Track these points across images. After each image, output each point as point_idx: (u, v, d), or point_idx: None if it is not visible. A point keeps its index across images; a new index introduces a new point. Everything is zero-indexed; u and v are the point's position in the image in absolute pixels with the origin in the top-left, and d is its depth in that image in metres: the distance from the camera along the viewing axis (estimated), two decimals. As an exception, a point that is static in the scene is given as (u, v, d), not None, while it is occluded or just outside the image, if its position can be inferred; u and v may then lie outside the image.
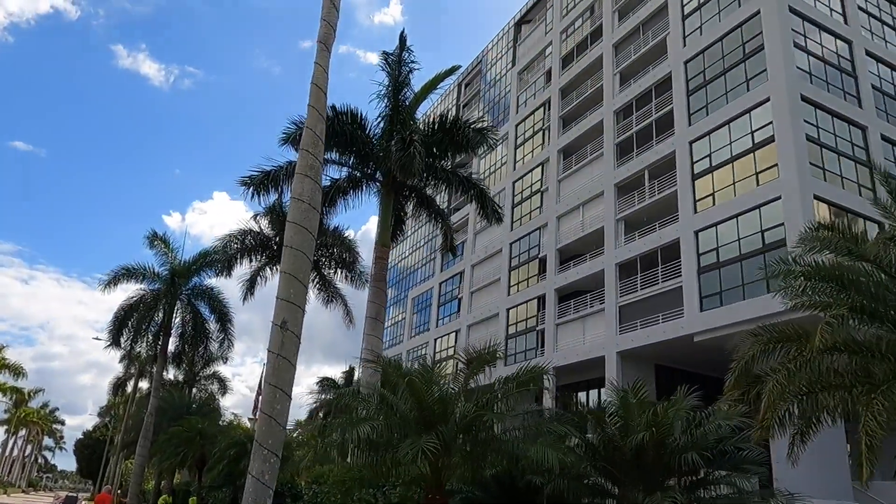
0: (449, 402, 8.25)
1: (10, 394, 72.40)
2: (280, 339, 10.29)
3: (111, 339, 35.55)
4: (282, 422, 10.01)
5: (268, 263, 30.84)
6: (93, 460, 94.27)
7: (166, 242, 36.08)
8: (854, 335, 9.09)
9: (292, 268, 10.71)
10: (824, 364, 8.45)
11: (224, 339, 36.34)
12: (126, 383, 62.69)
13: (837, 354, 8.66)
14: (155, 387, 36.12)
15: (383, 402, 9.24)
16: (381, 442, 7.32)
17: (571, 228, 43.09)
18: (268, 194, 19.45)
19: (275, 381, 10.07)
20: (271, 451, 9.76)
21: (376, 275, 19.41)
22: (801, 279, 10.06)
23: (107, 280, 35.22)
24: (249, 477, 9.63)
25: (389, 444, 7.49)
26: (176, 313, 36.63)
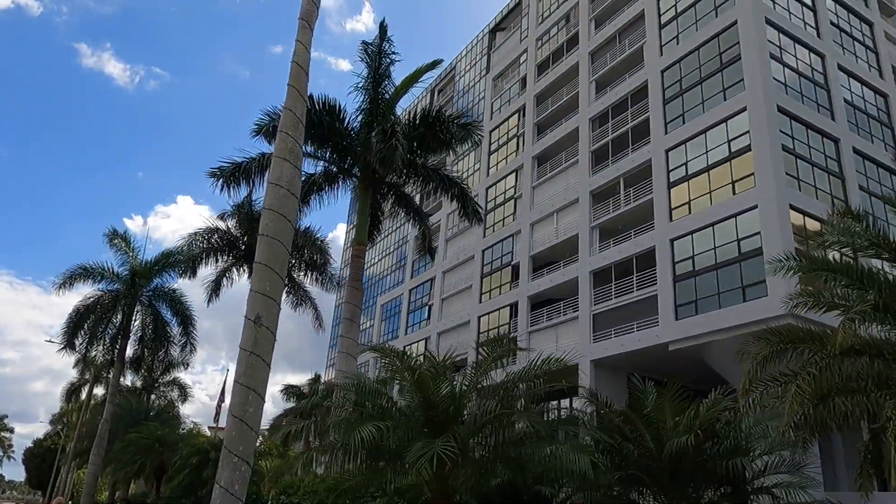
0: (462, 399, 7.28)
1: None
2: (253, 335, 9.39)
3: (65, 342, 33.83)
4: (254, 426, 9.10)
5: (235, 264, 29.67)
6: (43, 470, 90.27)
7: (126, 241, 34.61)
8: (870, 337, 8.61)
9: (268, 258, 9.83)
10: (845, 367, 7.91)
11: (186, 343, 34.94)
12: (80, 389, 60.16)
13: (856, 357, 8.15)
14: (111, 392, 34.43)
15: (375, 400, 8.31)
16: (385, 445, 6.40)
17: (545, 235, 42.70)
18: (238, 187, 18.49)
19: (247, 381, 9.16)
20: (242, 458, 8.84)
21: (353, 274, 18.54)
22: (819, 274, 9.48)
23: (62, 280, 33.58)
24: (217, 487, 8.68)
25: (390, 447, 6.57)
26: (136, 316, 35.12)
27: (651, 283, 33.14)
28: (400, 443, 6.16)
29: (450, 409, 6.79)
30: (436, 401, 7.07)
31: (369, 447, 6.32)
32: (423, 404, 7.04)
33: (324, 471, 15.54)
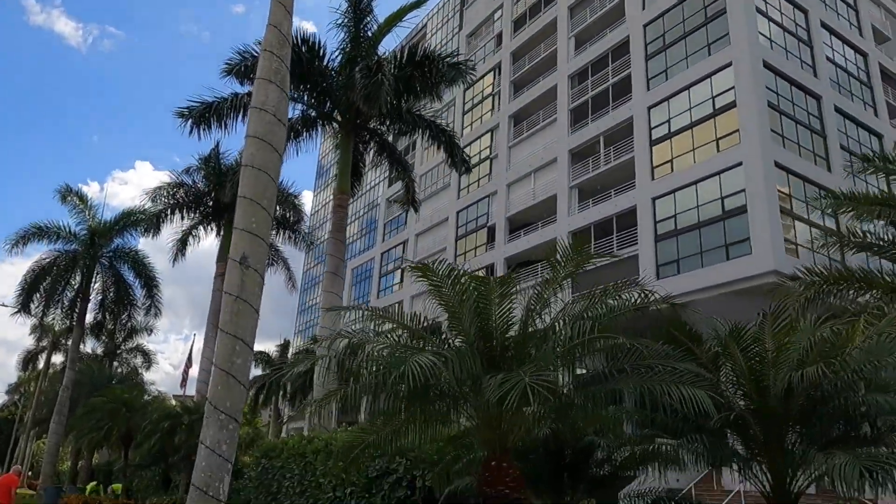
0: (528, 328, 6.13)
1: None
2: (239, 277, 8.27)
3: (19, 306, 31.92)
4: (242, 379, 8.03)
5: (202, 222, 28.11)
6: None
7: (82, 198, 32.55)
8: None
9: (254, 192, 8.65)
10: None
11: (150, 307, 33.35)
12: (38, 357, 57.80)
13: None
14: (71, 358, 32.75)
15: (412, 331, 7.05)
16: (435, 386, 5.29)
17: (522, 196, 41.86)
18: (209, 130, 17.00)
19: (233, 328, 8.05)
20: (229, 415, 7.79)
21: (335, 225, 17.34)
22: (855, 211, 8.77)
23: (14, 240, 31.50)
24: (202, 448, 7.63)
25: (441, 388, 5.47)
26: (95, 278, 33.32)
27: (632, 242, 32.62)
28: (456, 381, 5.06)
29: (517, 339, 5.69)
30: (494, 329, 5.95)
31: (413, 388, 5.33)
32: (480, 334, 5.93)
33: (309, 430, 14.58)
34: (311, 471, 11.85)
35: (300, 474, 12.40)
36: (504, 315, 5.62)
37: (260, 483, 14.89)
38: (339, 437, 11.14)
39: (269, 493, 14.17)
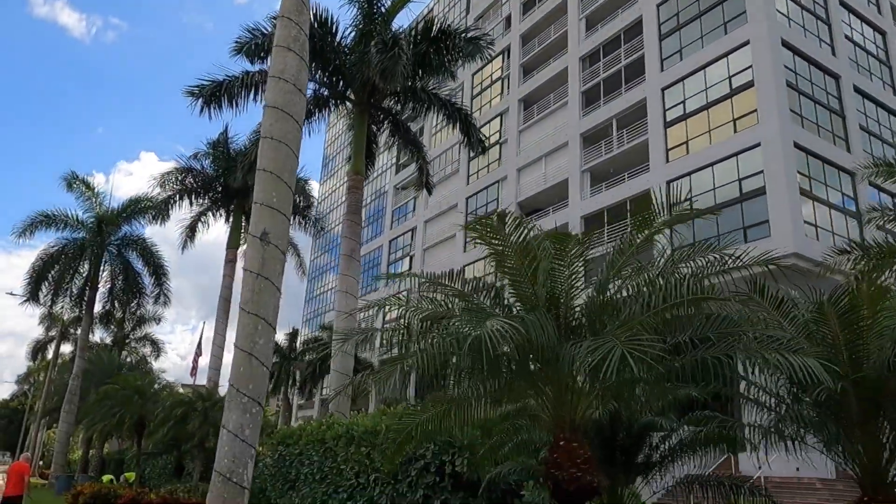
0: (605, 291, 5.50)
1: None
2: (260, 254, 7.84)
3: (28, 295, 31.67)
4: (265, 360, 7.63)
5: (211, 208, 27.69)
6: (10, 431, 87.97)
7: (88, 185, 32.18)
8: None
9: (274, 164, 8.21)
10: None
11: (159, 295, 33.07)
12: (47, 347, 57.78)
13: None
14: (81, 347, 32.60)
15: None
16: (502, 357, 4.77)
17: (533, 181, 41.32)
18: (220, 109, 16.54)
19: (254, 307, 7.64)
20: (252, 398, 7.39)
21: (351, 206, 16.90)
22: None
23: (22, 228, 31.19)
24: (225, 433, 7.24)
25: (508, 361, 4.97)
26: (104, 266, 33.03)
27: (646, 226, 32.09)
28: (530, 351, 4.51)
29: (595, 305, 5.16)
30: (566, 294, 5.45)
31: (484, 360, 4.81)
32: (550, 300, 5.40)
33: (325, 417, 14.21)
34: (332, 457, 11.48)
35: (319, 461, 12.04)
36: (576, 278, 5.13)
37: (277, 471, 14.55)
38: (361, 423, 10.76)
39: (286, 480, 13.83)
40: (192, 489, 16.25)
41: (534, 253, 5.59)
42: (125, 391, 17.13)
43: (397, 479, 9.41)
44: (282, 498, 14.25)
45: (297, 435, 13.60)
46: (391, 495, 9.54)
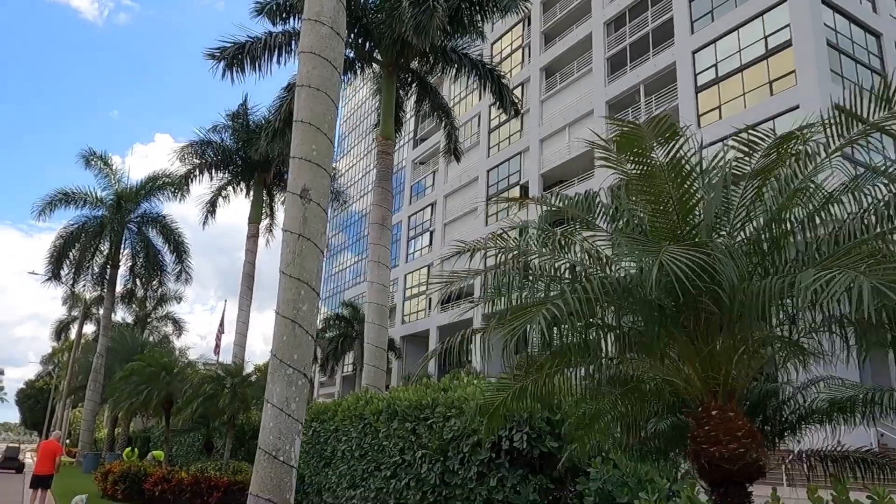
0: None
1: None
2: (301, 212, 7.15)
3: (50, 274, 31.43)
4: (309, 329, 6.97)
5: (230, 182, 27.07)
6: (37, 411, 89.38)
7: (106, 162, 31.67)
8: None
9: (312, 115, 7.47)
10: None
11: (181, 272, 32.68)
12: (70, 326, 58.03)
13: None
14: (104, 325, 32.40)
15: None
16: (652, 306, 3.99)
17: (556, 152, 40.29)
18: (242, 72, 15.80)
19: (297, 271, 6.96)
20: (297, 369, 6.74)
21: (381, 173, 16.19)
22: None
23: (41, 206, 30.82)
24: (269, 407, 6.62)
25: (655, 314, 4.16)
26: (124, 244, 32.67)
27: (677, 195, 31.09)
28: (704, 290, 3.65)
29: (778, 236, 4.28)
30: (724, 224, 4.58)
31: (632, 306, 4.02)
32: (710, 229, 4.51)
33: (355, 392, 13.63)
34: (372, 433, 10.89)
35: (358, 437, 11.46)
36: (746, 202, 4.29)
37: (311, 448, 14.03)
38: (404, 397, 10.12)
39: (321, 457, 13.31)
40: (223, 467, 15.83)
41: (689, 173, 4.80)
42: (152, 368, 16.72)
43: (447, 456, 8.78)
44: (317, 476, 13.75)
45: (332, 411, 13.03)
46: (440, 473, 8.93)
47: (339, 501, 11.92)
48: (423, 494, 9.34)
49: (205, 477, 14.76)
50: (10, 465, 29.45)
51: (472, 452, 8.39)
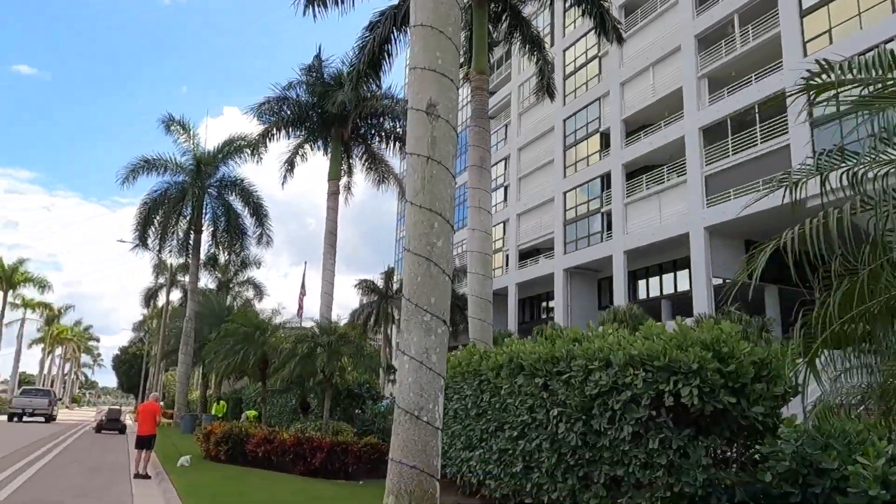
0: None
1: (39, 309, 70.67)
2: (428, 131, 6.03)
3: (137, 240, 32.01)
4: (446, 267, 5.93)
5: (307, 139, 26.41)
6: (131, 375, 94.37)
7: (185, 127, 31.71)
8: None
9: (434, 16, 6.28)
10: None
11: (261, 235, 32.65)
12: (157, 294, 60.17)
13: None
14: (191, 290, 32.88)
15: None
16: None
17: (639, 94, 37.81)
18: (325, 7, 14.80)
19: (428, 200, 5.90)
20: (435, 314, 5.72)
21: (476, 111, 14.97)
22: None
23: (125, 174, 31.26)
24: (405, 360, 5.65)
25: None
26: (206, 209, 32.83)
27: (781, 131, 28.49)
28: None
29: None
30: None
31: None
32: None
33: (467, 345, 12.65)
34: (491, 390, 9.93)
35: (474, 395, 10.53)
36: None
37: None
38: (529, 349, 9.05)
39: (428, 416, 12.53)
40: (323, 427, 15.34)
41: None
42: (246, 328, 16.37)
43: (591, 414, 7.68)
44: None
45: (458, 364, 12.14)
46: (581, 433, 7.85)
47: (453, 463, 11.09)
48: (559, 457, 8.31)
49: (306, 438, 14.29)
50: (112, 427, 30.51)
51: (624, 410, 7.24)
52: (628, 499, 7.27)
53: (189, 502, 9.42)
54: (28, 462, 15.58)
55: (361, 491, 12.27)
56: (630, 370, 7.19)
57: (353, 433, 15.62)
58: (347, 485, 13.17)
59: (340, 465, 14.05)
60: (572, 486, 8.07)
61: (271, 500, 9.77)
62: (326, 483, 13.05)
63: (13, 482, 11.67)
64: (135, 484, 12.34)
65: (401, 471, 5.40)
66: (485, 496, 10.05)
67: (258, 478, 12.76)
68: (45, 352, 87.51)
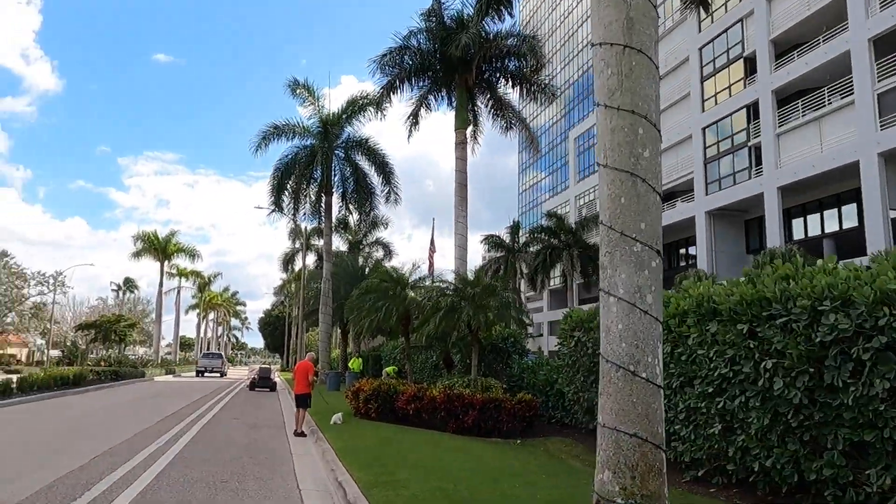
0: None
1: (192, 278, 76.78)
2: (622, 12, 4.74)
3: (273, 206, 33.00)
4: (654, 184, 4.66)
5: (431, 89, 25.50)
6: (276, 336, 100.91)
7: (310, 90, 31.98)
8: None
9: None
10: None
11: (389, 193, 32.52)
12: (294, 258, 62.99)
13: None
14: (325, 251, 33.57)
15: None
16: None
17: (789, 10, 33.46)
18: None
19: (627, 100, 4.67)
20: (646, 244, 4.52)
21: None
22: None
23: (257, 141, 32.13)
24: (611, 302, 4.53)
25: None
26: (334, 171, 33.13)
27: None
28: None
29: None
30: None
31: None
32: None
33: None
34: (671, 341, 8.61)
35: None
36: None
37: (574, 361, 12.20)
38: (721, 291, 7.62)
39: (590, 372, 11.40)
40: (472, 383, 14.67)
41: None
42: (386, 283, 15.97)
43: (824, 366, 6.20)
44: (584, 392, 11.93)
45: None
46: (808, 389, 6.42)
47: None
48: (774, 417, 6.91)
49: (456, 395, 13.68)
50: (264, 385, 32.04)
51: (876, 360, 5.72)
52: (881, 469, 5.79)
53: (349, 464, 8.98)
54: (198, 416, 16.26)
55: (524, 452, 11.47)
56: (884, 310, 5.64)
57: (502, 389, 14.86)
58: (505, 444, 12.43)
59: (494, 423, 13.34)
60: (794, 452, 6.67)
61: (438, 464, 9.13)
62: (483, 442, 12.38)
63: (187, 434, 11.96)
64: (293, 443, 12.28)
65: (617, 440, 4.33)
66: (669, 460, 8.85)
67: (412, 436, 12.30)
68: (199, 316, 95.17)
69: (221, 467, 9.05)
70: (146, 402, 22.05)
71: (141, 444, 11.01)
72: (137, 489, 7.27)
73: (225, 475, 8.50)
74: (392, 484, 7.39)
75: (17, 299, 59.26)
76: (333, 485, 8.12)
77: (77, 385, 26.63)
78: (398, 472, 8.17)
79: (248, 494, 7.39)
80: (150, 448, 10.63)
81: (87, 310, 78.26)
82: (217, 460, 9.66)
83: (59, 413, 16.85)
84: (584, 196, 58.09)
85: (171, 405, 20.20)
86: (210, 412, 18.20)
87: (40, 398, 21.00)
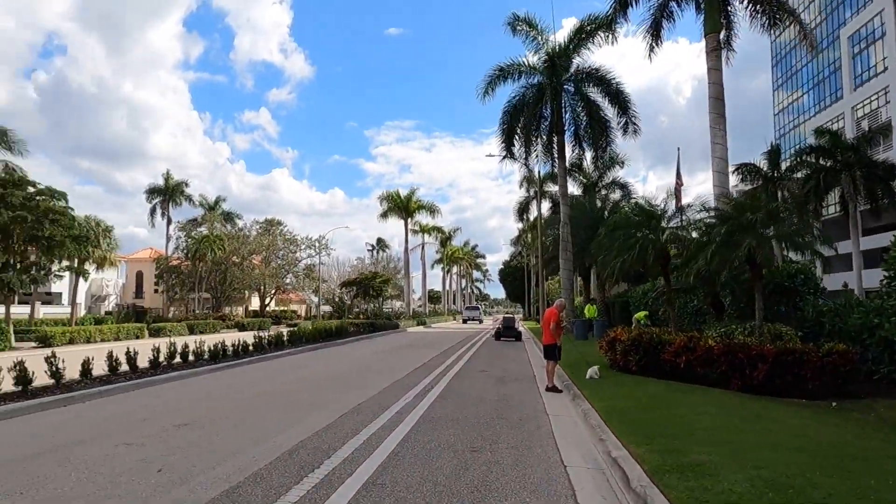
0: None
1: (434, 233, 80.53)
2: None
3: (504, 152, 31.91)
4: None
5: (671, -7, 21.87)
6: (515, 286, 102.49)
7: (532, 24, 29.93)
8: None
9: None
10: None
11: (627, 124, 29.42)
12: (528, 206, 62.27)
13: None
14: (561, 193, 31.72)
15: None
16: None
17: None
18: None
19: None
20: None
21: None
22: None
23: (483, 87, 31.10)
24: None
25: None
26: (564, 108, 30.89)
27: None
28: None
29: None
30: None
31: None
32: None
33: None
34: None
35: None
36: None
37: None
38: None
39: None
40: (756, 330, 11.95)
41: None
42: (637, 217, 13.77)
43: None
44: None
45: None
46: None
47: None
48: None
49: (739, 345, 11.15)
50: (509, 335, 31.63)
51: None
52: None
53: (620, 433, 7.28)
54: (446, 367, 15.90)
55: (848, 420, 8.77)
56: None
57: (796, 338, 11.93)
58: (815, 408, 9.73)
59: (794, 379, 10.61)
60: None
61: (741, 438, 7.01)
62: (783, 405, 9.80)
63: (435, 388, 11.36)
64: (547, 400, 10.92)
65: None
66: None
67: (687, 396, 10.15)
68: (444, 270, 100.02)
69: (471, 431, 7.95)
70: (398, 352, 22.67)
71: (391, 399, 10.50)
72: (378, 460, 6.35)
73: (476, 440, 7.36)
74: (690, 469, 5.50)
75: (292, 262, 67.05)
76: (606, 461, 6.49)
77: (339, 336, 28.66)
78: (690, 449, 6.24)
79: (503, 470, 6.07)
80: (399, 404, 10.02)
81: (349, 269, 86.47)
82: (466, 421, 8.61)
83: (320, 364, 17.62)
84: (865, 105, 48.26)
85: (420, 356, 20.37)
86: (458, 364, 17.78)
87: (307, 349, 22.64)
